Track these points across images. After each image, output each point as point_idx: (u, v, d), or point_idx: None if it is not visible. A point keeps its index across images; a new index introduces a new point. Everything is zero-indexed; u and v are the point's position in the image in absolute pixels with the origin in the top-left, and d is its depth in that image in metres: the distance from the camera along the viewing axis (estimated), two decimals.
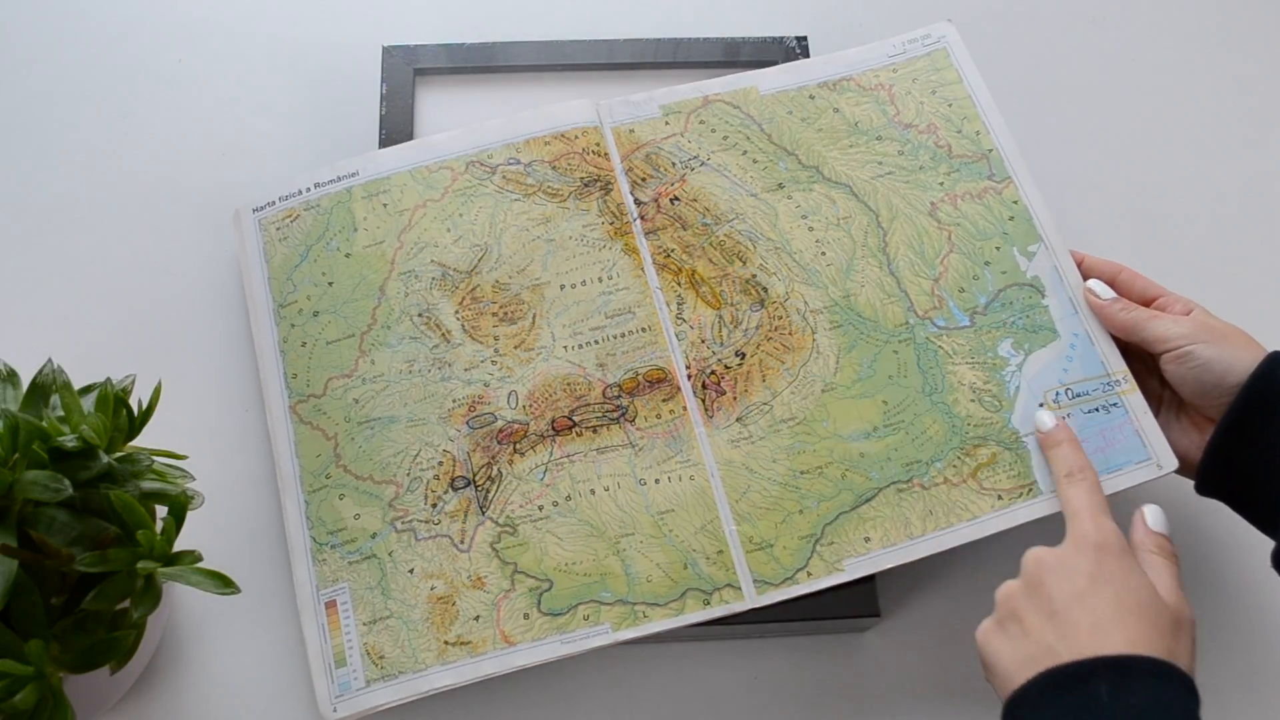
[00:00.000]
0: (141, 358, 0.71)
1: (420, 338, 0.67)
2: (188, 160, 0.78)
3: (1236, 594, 0.67)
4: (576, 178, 0.71)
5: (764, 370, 0.66)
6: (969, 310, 0.67)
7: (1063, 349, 0.66)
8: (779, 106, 0.73)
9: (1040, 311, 0.67)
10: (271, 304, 0.69)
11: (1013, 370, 0.66)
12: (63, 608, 0.52)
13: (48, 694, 0.49)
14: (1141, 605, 0.51)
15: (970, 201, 0.70)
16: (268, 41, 0.82)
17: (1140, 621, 0.50)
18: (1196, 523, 0.69)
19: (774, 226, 0.70)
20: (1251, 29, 0.85)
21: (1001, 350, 0.66)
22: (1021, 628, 0.52)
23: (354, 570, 0.63)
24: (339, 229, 0.70)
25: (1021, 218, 0.69)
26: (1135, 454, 0.63)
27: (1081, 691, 0.48)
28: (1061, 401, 0.65)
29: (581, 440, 0.65)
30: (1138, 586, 0.52)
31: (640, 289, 0.68)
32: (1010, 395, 0.65)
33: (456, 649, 0.60)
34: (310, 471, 0.65)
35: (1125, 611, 0.50)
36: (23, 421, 0.50)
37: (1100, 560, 0.53)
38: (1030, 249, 0.68)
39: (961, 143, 0.72)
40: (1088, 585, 0.52)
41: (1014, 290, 0.68)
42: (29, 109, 0.79)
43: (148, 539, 0.51)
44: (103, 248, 0.75)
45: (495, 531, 0.63)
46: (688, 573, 0.62)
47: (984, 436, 0.64)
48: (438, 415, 0.65)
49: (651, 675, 0.65)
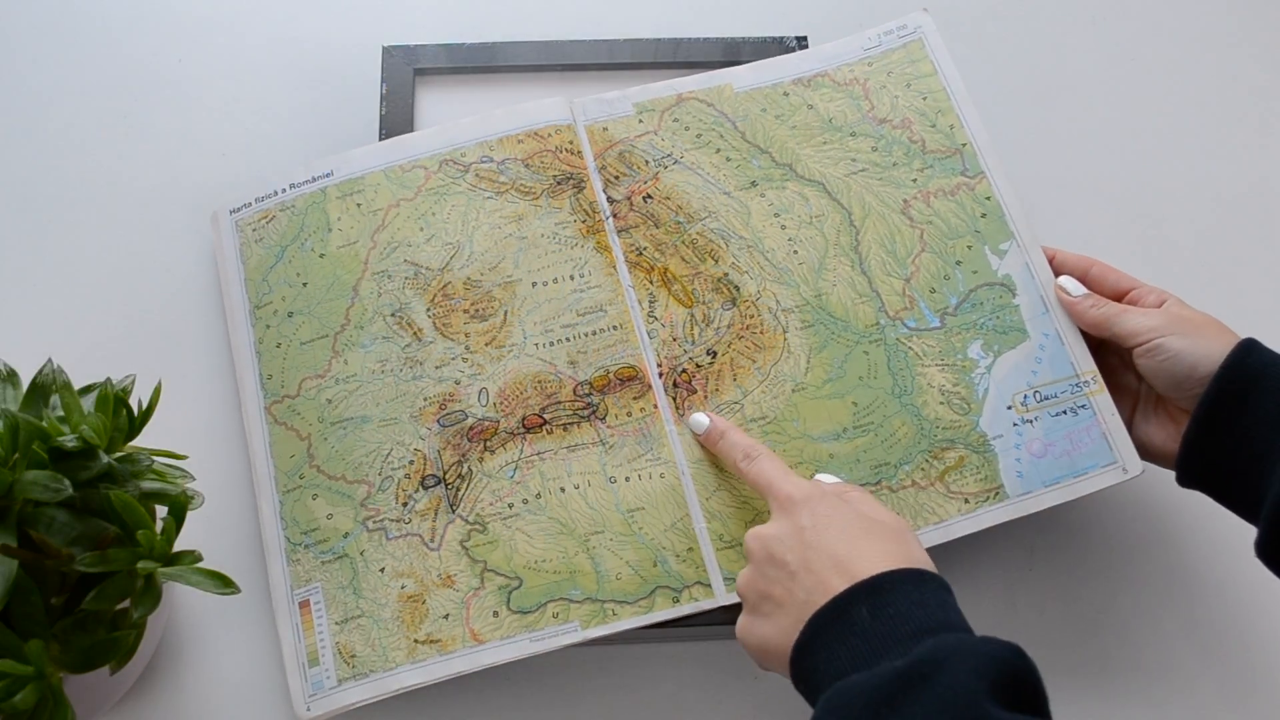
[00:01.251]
0: (141, 358, 0.71)
1: (393, 337, 0.67)
2: (188, 160, 0.78)
3: (1221, 586, 0.67)
4: (549, 176, 0.71)
5: (735, 369, 0.66)
6: (939, 311, 0.67)
7: (1032, 350, 0.66)
8: (753, 104, 0.73)
9: (1011, 311, 0.67)
10: (248, 305, 0.69)
11: (981, 373, 0.66)
12: (63, 608, 0.52)
13: (48, 694, 0.49)
14: (867, 529, 0.53)
15: (943, 199, 0.70)
16: (268, 41, 0.82)
17: (873, 542, 0.52)
18: (1180, 516, 0.69)
19: (746, 225, 0.70)
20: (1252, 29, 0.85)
21: (971, 352, 0.66)
22: (773, 601, 0.53)
23: (326, 570, 0.63)
24: (313, 229, 0.70)
25: (994, 214, 0.69)
26: (1101, 458, 0.63)
27: (845, 620, 0.48)
28: (1029, 404, 0.65)
29: (552, 438, 0.65)
30: (854, 515, 0.53)
31: (612, 287, 0.68)
32: (979, 398, 0.65)
33: (426, 647, 0.61)
34: (284, 472, 0.65)
35: (855, 540, 0.52)
36: (23, 421, 0.51)
37: (811, 509, 0.54)
38: (1002, 246, 0.68)
39: (935, 137, 0.71)
40: (813, 535, 0.53)
41: (984, 290, 0.67)
42: (29, 109, 0.80)
43: (148, 539, 0.51)
44: (103, 248, 0.75)
45: (465, 530, 0.63)
46: (657, 570, 0.62)
47: (952, 439, 0.64)
48: (409, 414, 0.65)
49: (649, 674, 0.65)
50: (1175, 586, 0.67)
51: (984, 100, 0.74)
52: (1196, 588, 0.67)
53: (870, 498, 0.56)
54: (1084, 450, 0.63)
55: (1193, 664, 0.65)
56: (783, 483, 0.57)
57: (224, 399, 0.71)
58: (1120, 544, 0.68)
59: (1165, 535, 0.69)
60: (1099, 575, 0.68)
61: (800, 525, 0.54)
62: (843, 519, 0.53)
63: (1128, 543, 0.68)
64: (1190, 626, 0.66)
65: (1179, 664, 0.65)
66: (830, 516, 0.53)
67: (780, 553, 0.53)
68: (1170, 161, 0.80)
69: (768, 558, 0.54)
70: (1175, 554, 0.68)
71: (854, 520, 0.53)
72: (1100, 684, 0.65)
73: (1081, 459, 0.63)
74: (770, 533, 0.55)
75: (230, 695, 0.64)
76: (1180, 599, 0.67)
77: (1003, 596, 0.67)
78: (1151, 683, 0.65)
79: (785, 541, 0.54)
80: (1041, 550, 0.68)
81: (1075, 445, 0.63)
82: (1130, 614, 0.67)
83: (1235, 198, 0.79)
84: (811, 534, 0.53)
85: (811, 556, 0.52)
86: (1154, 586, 0.67)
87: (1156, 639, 0.66)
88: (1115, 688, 0.65)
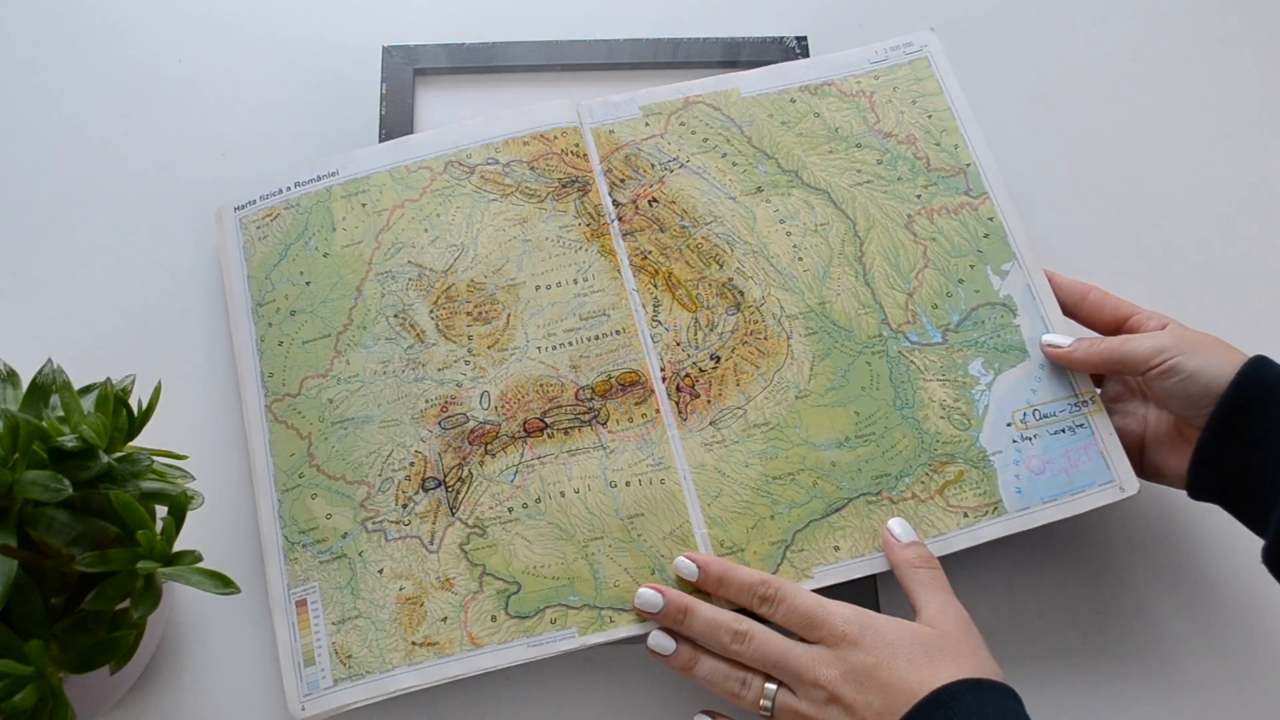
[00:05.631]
0: (141, 357, 0.71)
1: (395, 338, 0.67)
2: (188, 160, 0.78)
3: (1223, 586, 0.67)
4: (555, 178, 0.70)
5: (738, 374, 0.66)
6: (941, 327, 0.67)
7: (1032, 369, 0.66)
8: (759, 109, 0.73)
9: (1011, 331, 0.67)
10: (250, 302, 0.69)
11: (982, 389, 0.65)
12: (63, 608, 0.52)
13: (48, 694, 0.49)
14: (927, 648, 0.54)
15: (946, 217, 0.69)
16: (267, 41, 0.82)
17: (936, 662, 0.53)
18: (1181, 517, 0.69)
19: (752, 230, 0.69)
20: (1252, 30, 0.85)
21: (972, 369, 0.66)
22: None
23: (324, 570, 0.63)
24: (318, 228, 0.70)
25: (996, 235, 0.69)
26: (1099, 475, 0.63)
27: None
28: (1029, 422, 0.65)
29: (553, 442, 0.65)
30: (913, 638, 0.55)
31: (616, 291, 0.68)
32: (979, 414, 0.65)
33: (423, 650, 0.61)
34: (284, 470, 0.65)
35: (918, 666, 0.54)
36: (23, 421, 0.51)
37: (872, 642, 0.55)
38: (1004, 267, 0.68)
39: (940, 155, 0.71)
40: (881, 671, 0.54)
41: (986, 309, 0.67)
42: (29, 109, 0.80)
43: (148, 539, 0.51)
44: (103, 248, 0.75)
45: (464, 533, 0.63)
46: (655, 578, 0.61)
47: (952, 454, 0.64)
48: (410, 416, 0.65)
49: (652, 675, 0.65)
50: (1176, 588, 0.67)
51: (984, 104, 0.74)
52: (1198, 588, 0.67)
53: (942, 585, 0.59)
54: (1082, 468, 0.63)
55: (1195, 664, 0.65)
56: (830, 616, 0.57)
57: (224, 399, 0.70)
58: (1121, 544, 0.68)
59: (1166, 536, 0.69)
60: (1099, 575, 0.68)
61: (865, 664, 0.55)
62: (907, 647, 0.54)
63: (1129, 543, 0.68)
64: (1192, 627, 0.66)
65: (1180, 664, 0.65)
66: (895, 646, 0.55)
67: (848, 695, 0.54)
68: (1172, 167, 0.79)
69: (830, 698, 0.55)
70: (1176, 555, 0.68)
71: (916, 644, 0.55)
72: (1101, 686, 0.65)
73: (1079, 476, 0.63)
74: (831, 675, 0.55)
75: (230, 695, 0.64)
76: (1182, 600, 0.67)
77: (1003, 596, 0.67)
78: (1153, 683, 0.65)
79: (850, 682, 0.54)
80: (1042, 551, 0.68)
81: (1073, 463, 0.63)
82: (1132, 615, 0.67)
83: (1238, 203, 0.78)
84: (879, 670, 0.54)
85: (874, 698, 0.53)
86: (1155, 587, 0.67)
87: (1158, 639, 0.66)
88: (1116, 688, 0.65)
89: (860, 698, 0.53)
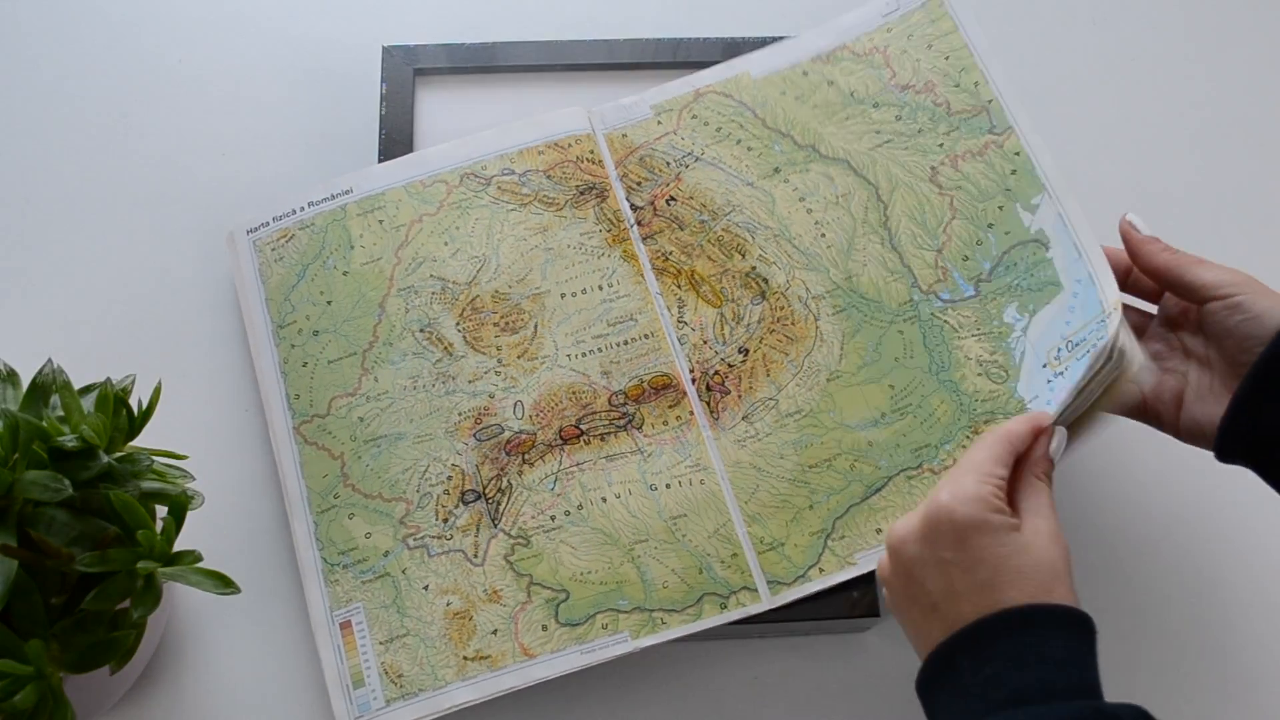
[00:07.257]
0: (141, 357, 0.71)
1: (423, 353, 0.67)
2: (188, 160, 0.78)
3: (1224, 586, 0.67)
4: (572, 186, 0.70)
5: (768, 364, 0.66)
6: (973, 279, 0.65)
7: (1065, 300, 0.62)
8: (772, 89, 0.72)
9: (1044, 267, 0.63)
10: (270, 325, 0.69)
11: (1018, 335, 0.63)
12: (63, 608, 0.52)
13: (48, 694, 0.49)
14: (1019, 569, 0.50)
15: (971, 160, 0.67)
16: (268, 41, 0.82)
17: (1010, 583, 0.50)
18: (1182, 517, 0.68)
19: (771, 213, 0.69)
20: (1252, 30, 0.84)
21: (1007, 316, 0.64)
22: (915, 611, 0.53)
23: (368, 590, 0.63)
24: (335, 247, 0.69)
25: (1024, 169, 0.66)
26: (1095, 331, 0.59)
27: (952, 672, 0.50)
28: (1062, 357, 0.61)
29: (590, 448, 0.64)
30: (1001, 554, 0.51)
31: (641, 295, 0.67)
32: (1016, 363, 0.63)
33: (476, 664, 0.61)
34: (318, 492, 0.65)
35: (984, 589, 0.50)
36: (23, 421, 0.50)
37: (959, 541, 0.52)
38: (1033, 201, 0.65)
39: (960, 97, 0.69)
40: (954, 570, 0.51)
41: (1018, 250, 0.65)
42: (29, 109, 0.79)
43: (148, 539, 0.51)
44: (103, 248, 0.75)
45: (508, 544, 0.63)
46: (703, 577, 0.61)
47: (991, 411, 0.63)
48: (444, 429, 0.65)
49: (652, 676, 0.65)
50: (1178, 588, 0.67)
51: None
52: (1199, 588, 0.67)
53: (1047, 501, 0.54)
54: None
55: (1197, 666, 0.66)
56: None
57: (230, 397, 0.70)
58: (1122, 545, 0.68)
59: (1167, 536, 0.68)
60: (1099, 575, 0.67)
61: (943, 558, 0.51)
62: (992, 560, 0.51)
63: (1130, 544, 0.68)
64: (1193, 628, 0.66)
65: (1182, 665, 0.66)
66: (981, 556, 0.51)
67: (922, 576, 0.52)
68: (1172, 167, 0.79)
69: (907, 576, 0.53)
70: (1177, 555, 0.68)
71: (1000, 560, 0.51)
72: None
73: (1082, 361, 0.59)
74: (914, 553, 0.53)
75: (230, 695, 0.65)
76: (1183, 601, 0.67)
77: None
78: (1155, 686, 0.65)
79: (927, 567, 0.52)
80: None
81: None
82: (1133, 615, 0.67)
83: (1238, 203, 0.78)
84: (952, 569, 0.51)
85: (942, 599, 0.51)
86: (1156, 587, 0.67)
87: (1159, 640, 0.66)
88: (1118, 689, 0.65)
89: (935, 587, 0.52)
